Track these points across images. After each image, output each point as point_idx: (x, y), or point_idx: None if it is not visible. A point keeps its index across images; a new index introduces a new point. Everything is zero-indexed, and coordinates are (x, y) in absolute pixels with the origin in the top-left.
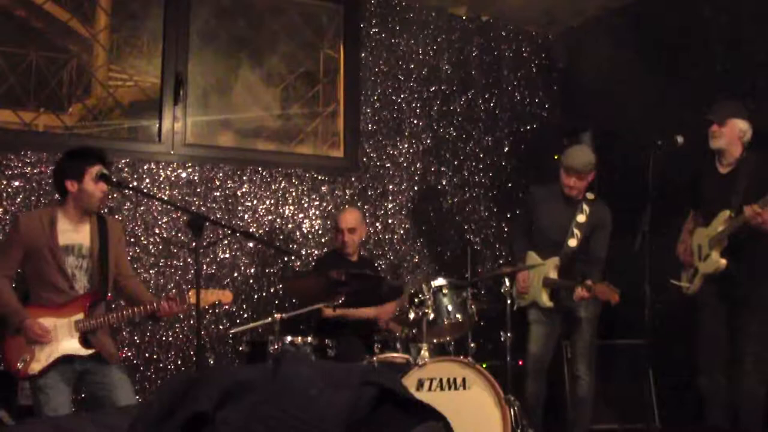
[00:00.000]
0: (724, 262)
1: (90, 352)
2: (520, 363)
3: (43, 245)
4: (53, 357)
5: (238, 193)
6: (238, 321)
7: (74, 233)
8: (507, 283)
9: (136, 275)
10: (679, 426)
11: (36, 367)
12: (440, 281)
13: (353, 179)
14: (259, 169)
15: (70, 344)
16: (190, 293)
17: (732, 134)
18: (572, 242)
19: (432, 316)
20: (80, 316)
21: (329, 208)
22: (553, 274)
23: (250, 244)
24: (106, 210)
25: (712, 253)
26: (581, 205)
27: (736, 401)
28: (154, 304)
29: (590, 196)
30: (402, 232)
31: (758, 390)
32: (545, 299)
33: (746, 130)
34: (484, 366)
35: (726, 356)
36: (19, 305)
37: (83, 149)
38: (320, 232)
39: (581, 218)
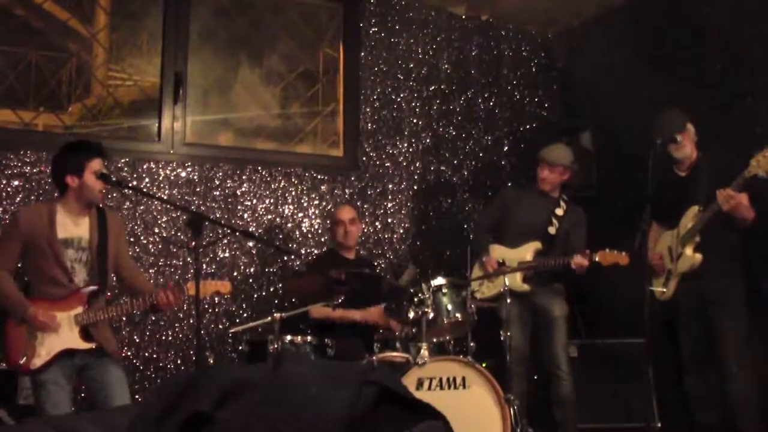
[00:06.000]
0: (699, 257)
1: (90, 345)
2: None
3: (41, 238)
4: (54, 351)
5: (238, 193)
6: (237, 320)
7: (73, 226)
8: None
9: (138, 268)
10: (679, 426)
11: (37, 362)
12: (440, 280)
13: (353, 178)
14: (259, 168)
15: (70, 338)
16: (188, 285)
17: (690, 138)
18: (552, 230)
19: (432, 315)
20: (79, 309)
21: (329, 208)
22: (529, 257)
23: (250, 244)
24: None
25: (686, 250)
26: (559, 201)
27: (729, 404)
28: (153, 296)
29: (565, 197)
30: (402, 231)
31: (748, 392)
32: (519, 282)
33: (694, 131)
34: (483, 365)
35: (711, 354)
36: (21, 296)
37: (81, 144)
38: (320, 231)
39: (559, 211)
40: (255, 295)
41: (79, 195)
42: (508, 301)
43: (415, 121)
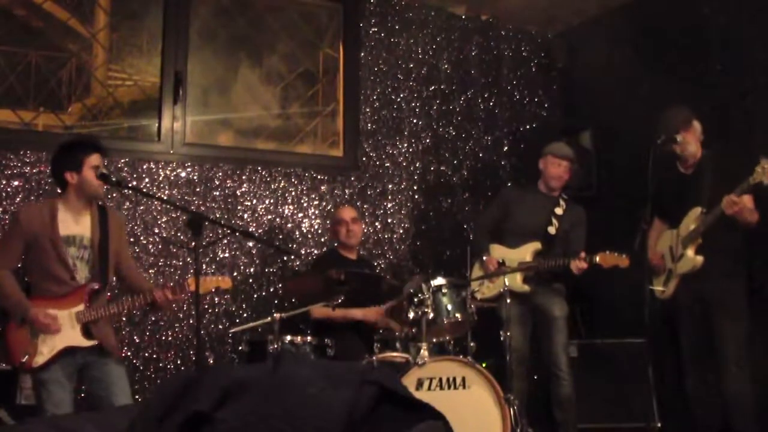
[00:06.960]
0: (700, 259)
1: (92, 343)
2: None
3: (43, 236)
4: (56, 349)
5: (238, 193)
6: (237, 320)
7: (75, 224)
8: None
9: (136, 267)
10: (679, 426)
11: (39, 360)
12: (440, 280)
13: (353, 179)
14: (259, 168)
15: (72, 335)
16: (189, 281)
17: (695, 136)
18: (551, 230)
19: (431, 315)
20: (81, 307)
21: (329, 208)
22: (529, 258)
23: (250, 244)
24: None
25: (687, 252)
26: (558, 200)
27: (728, 405)
28: (153, 293)
29: (565, 196)
30: (401, 231)
31: (746, 391)
32: (519, 282)
33: (700, 129)
34: (483, 365)
35: (711, 355)
36: (23, 296)
37: (78, 140)
38: (320, 231)
39: (559, 210)
40: (255, 295)
41: (79, 191)
42: (508, 301)
43: (415, 121)
